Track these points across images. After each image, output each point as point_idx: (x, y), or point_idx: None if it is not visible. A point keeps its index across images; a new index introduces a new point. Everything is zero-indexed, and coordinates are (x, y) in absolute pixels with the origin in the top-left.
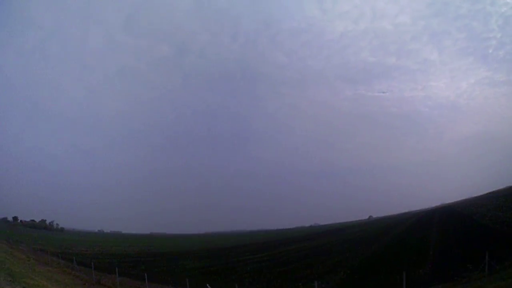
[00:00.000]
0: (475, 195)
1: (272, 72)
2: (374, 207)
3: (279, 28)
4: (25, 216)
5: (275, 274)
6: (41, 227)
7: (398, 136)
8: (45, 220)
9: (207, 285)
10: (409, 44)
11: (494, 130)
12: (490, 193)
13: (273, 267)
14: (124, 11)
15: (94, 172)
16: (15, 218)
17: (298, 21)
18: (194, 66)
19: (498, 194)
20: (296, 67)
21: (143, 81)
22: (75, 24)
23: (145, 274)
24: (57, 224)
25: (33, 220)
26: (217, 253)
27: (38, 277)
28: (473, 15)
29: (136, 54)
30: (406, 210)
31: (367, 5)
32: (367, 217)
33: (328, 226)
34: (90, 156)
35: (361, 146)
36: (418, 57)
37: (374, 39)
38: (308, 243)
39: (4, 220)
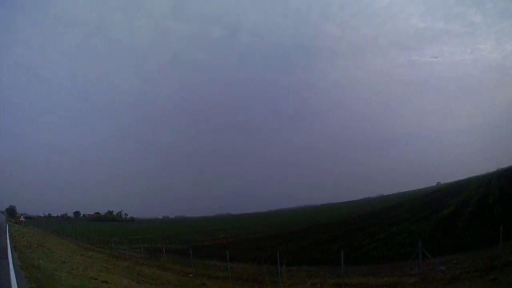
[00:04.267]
0: None
1: (326, 45)
2: (437, 173)
3: (328, 1)
4: (83, 211)
5: None
6: (109, 219)
7: (452, 100)
8: (112, 211)
9: None
10: (454, 8)
11: None
12: None
13: None
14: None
15: (151, 160)
16: (76, 213)
17: None
18: (248, 46)
19: None
20: (350, 37)
21: (197, 65)
22: (120, 17)
23: None
24: (125, 214)
25: (97, 213)
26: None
27: None
28: None
29: (188, 39)
30: (469, 176)
31: None
32: (435, 183)
33: (398, 194)
34: (145, 145)
35: (417, 112)
36: (464, 21)
37: (421, 5)
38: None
39: (64, 217)
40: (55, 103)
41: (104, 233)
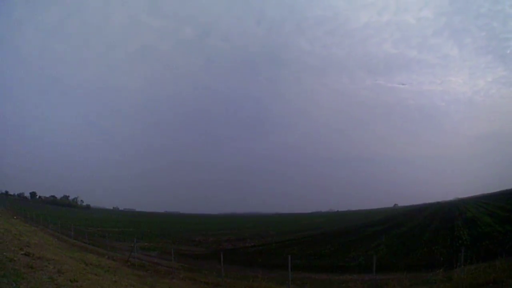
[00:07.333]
0: (486, 192)
1: (294, 59)
2: (389, 196)
3: (304, 15)
4: (39, 192)
5: None
6: (64, 204)
7: (415, 128)
8: (68, 196)
9: None
10: (430, 39)
11: (509, 130)
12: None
13: None
14: None
15: (107, 149)
16: (33, 194)
17: (323, 9)
18: (217, 49)
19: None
20: (319, 54)
21: (164, 62)
22: (98, 3)
23: None
24: (81, 200)
25: (53, 196)
26: None
27: None
28: (493, 15)
29: (159, 34)
30: (424, 202)
31: None
32: (392, 205)
33: (352, 212)
34: (103, 135)
35: (377, 136)
36: (438, 52)
37: (396, 32)
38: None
39: (21, 196)
40: (23, 75)
41: (72, 220)
